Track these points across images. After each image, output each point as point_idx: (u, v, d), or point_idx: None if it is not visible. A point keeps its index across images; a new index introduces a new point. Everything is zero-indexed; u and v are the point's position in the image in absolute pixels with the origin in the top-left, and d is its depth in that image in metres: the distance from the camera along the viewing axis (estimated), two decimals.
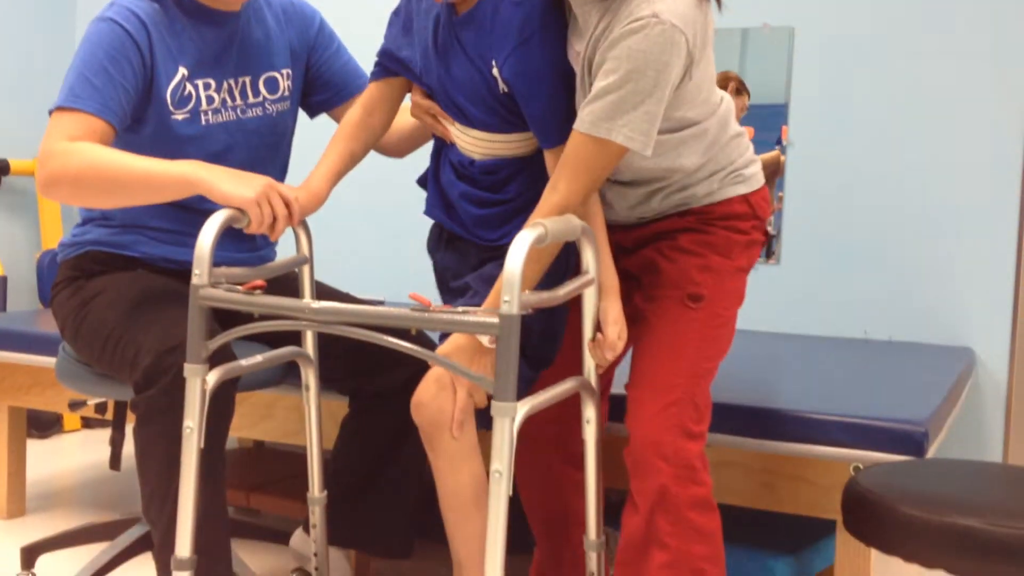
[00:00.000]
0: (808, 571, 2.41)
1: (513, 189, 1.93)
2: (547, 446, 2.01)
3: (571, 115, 1.81)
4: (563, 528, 2.04)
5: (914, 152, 3.08)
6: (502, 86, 1.86)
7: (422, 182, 2.10)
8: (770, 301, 3.23)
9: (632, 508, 1.82)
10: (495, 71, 1.85)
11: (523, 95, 1.84)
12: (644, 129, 1.71)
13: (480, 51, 1.86)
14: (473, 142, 1.94)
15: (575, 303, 1.82)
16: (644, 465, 1.78)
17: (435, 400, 1.82)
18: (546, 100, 1.83)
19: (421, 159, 2.14)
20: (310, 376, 2.06)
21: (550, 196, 1.77)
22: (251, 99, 2.19)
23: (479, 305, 1.86)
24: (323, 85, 2.32)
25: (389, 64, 2.01)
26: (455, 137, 1.96)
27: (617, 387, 2.11)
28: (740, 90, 3.24)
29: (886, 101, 3.11)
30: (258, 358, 1.85)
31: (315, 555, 2.14)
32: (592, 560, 1.85)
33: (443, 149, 2.03)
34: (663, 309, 1.87)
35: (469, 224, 1.98)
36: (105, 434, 3.96)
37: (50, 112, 2.00)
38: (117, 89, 2.00)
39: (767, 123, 3.23)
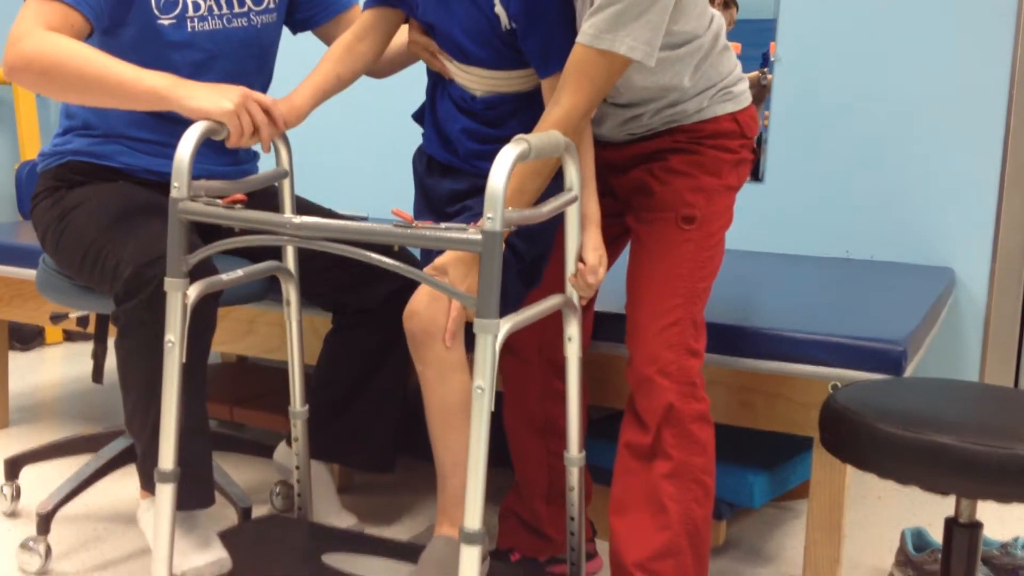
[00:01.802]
0: (785, 486, 2.45)
1: (515, 125, 1.90)
2: (530, 352, 2.04)
3: (570, 42, 1.78)
4: (540, 434, 2.07)
5: (901, 71, 3.06)
6: (504, 23, 1.83)
7: (418, 117, 2.07)
8: (753, 220, 3.23)
9: (638, 425, 1.86)
10: (497, 8, 1.82)
11: (525, 25, 1.81)
12: (647, 39, 1.70)
13: None
14: (473, 79, 1.91)
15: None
16: (649, 384, 1.82)
17: (428, 310, 1.82)
18: (548, 27, 1.81)
19: (410, 80, 2.11)
20: (291, 291, 2.06)
21: (552, 110, 1.75)
22: (236, 8, 2.14)
23: (475, 222, 1.85)
24: (307, 1, 2.28)
25: None
26: (454, 74, 1.93)
27: (603, 306, 2.12)
28: (728, 3, 3.19)
29: (875, 18, 3.08)
30: (239, 273, 1.84)
31: (297, 468, 2.16)
32: (573, 475, 1.88)
33: (439, 85, 2.00)
34: (658, 231, 1.89)
35: (466, 156, 1.95)
36: (87, 347, 3.97)
37: None
38: None
39: (755, 39, 3.19)
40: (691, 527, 1.83)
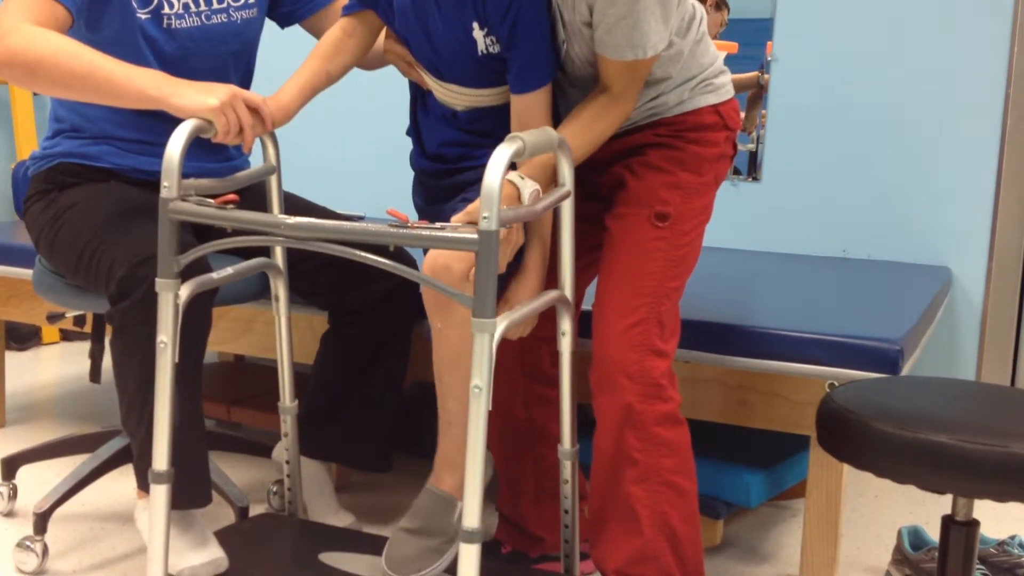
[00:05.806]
0: (782, 485, 2.45)
1: (502, 135, 1.91)
2: (509, 358, 2.03)
3: (548, 62, 1.82)
4: (525, 439, 2.06)
5: (897, 69, 3.06)
6: (481, 48, 1.83)
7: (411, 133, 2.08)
8: (751, 219, 3.23)
9: (598, 426, 1.84)
10: (475, 32, 1.82)
11: (510, 42, 1.82)
12: (667, 26, 1.75)
13: (458, 14, 1.83)
14: (451, 95, 1.92)
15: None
16: (609, 384, 1.79)
17: (441, 256, 1.78)
18: (533, 47, 1.82)
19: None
20: (279, 287, 2.06)
21: (610, 114, 1.80)
22: (215, 4, 2.14)
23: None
24: None
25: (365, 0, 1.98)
26: (431, 86, 1.93)
27: (591, 304, 2.12)
28: (720, 5, 3.19)
29: (872, 18, 3.07)
30: (228, 270, 1.84)
31: (287, 463, 2.15)
32: (566, 468, 1.88)
33: (419, 99, 2.00)
34: (629, 227, 1.87)
35: (456, 162, 1.96)
36: (84, 346, 3.96)
37: None
38: None
39: (752, 38, 3.18)
40: (667, 530, 1.81)
